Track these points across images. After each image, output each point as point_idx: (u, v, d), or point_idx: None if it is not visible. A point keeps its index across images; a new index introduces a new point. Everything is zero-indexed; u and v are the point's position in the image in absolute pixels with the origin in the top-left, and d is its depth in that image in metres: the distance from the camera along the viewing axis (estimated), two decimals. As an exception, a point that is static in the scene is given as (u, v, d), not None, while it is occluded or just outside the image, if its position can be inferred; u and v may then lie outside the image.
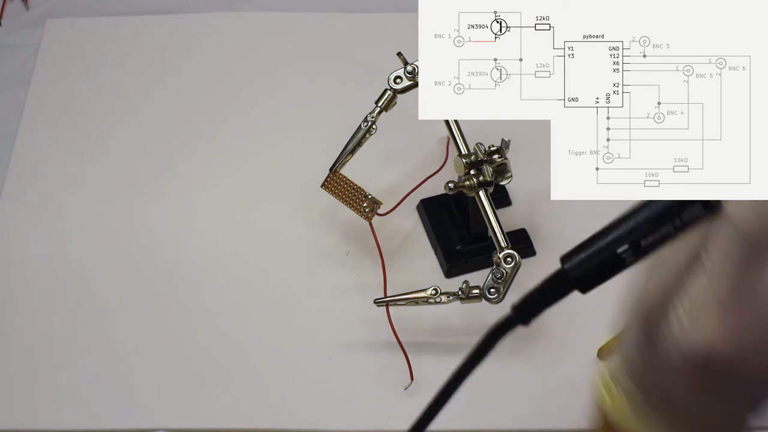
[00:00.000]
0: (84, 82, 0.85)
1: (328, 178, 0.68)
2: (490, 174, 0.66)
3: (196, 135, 0.81)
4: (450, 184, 0.66)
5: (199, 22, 0.89)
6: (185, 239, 0.75)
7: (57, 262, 0.74)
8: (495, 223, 0.65)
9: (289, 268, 0.73)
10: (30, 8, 0.91)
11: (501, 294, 0.62)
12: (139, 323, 0.70)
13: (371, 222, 0.68)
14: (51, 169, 0.79)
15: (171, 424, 0.66)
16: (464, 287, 0.63)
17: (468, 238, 0.73)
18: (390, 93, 0.67)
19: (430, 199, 0.75)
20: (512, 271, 0.62)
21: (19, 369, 0.68)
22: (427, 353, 0.68)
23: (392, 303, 0.65)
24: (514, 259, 0.63)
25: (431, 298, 0.64)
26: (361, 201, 0.68)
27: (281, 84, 0.85)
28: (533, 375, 0.67)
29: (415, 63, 0.66)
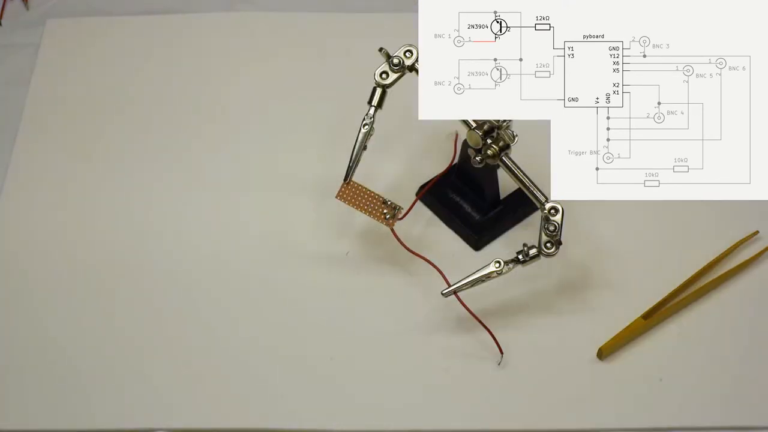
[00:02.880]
0: (84, 82, 0.85)
1: (342, 188, 0.68)
2: (508, 137, 0.66)
3: (196, 135, 0.81)
4: (477, 157, 0.67)
5: (199, 22, 0.89)
6: (186, 239, 0.75)
7: (57, 262, 0.74)
8: (528, 180, 0.66)
9: (288, 268, 0.73)
10: (30, 8, 0.91)
11: (557, 246, 0.64)
12: (140, 323, 0.70)
13: (393, 227, 0.68)
14: (51, 169, 0.79)
15: (171, 424, 0.66)
16: (524, 250, 0.64)
17: (484, 207, 0.74)
18: (380, 90, 0.67)
19: (431, 185, 0.75)
20: (561, 220, 0.64)
21: (18, 369, 0.68)
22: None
23: (459, 290, 0.65)
24: (558, 210, 0.64)
25: (496, 271, 0.65)
26: (380, 208, 0.68)
27: (281, 84, 0.85)
28: (533, 375, 0.67)
29: (397, 54, 0.66)
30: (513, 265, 0.65)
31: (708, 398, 0.66)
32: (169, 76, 0.85)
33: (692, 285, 0.70)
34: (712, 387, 0.66)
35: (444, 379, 0.67)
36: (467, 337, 0.68)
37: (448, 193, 0.75)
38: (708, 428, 0.65)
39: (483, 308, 0.68)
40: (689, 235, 0.74)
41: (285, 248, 0.74)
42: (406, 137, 0.79)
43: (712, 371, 0.67)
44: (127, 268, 0.73)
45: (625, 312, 0.69)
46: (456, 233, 0.75)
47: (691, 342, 0.69)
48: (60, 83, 0.85)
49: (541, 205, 0.65)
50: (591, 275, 0.72)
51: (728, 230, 0.74)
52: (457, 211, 0.74)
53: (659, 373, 0.67)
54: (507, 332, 0.67)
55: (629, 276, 0.72)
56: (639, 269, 0.72)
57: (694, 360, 0.68)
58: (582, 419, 0.66)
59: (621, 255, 0.73)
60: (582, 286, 0.71)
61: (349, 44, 0.86)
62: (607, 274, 0.72)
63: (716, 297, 0.71)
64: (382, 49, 0.66)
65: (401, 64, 0.66)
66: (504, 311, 0.70)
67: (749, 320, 0.70)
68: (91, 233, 0.75)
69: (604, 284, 0.71)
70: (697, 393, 0.66)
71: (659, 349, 0.68)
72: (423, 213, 0.76)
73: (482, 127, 0.66)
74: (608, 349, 0.67)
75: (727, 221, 0.74)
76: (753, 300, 0.71)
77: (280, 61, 0.86)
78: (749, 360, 0.68)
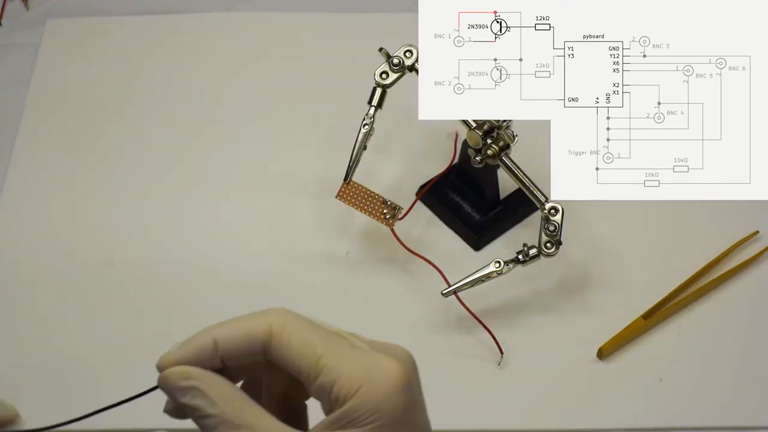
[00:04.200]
0: (84, 82, 0.85)
1: (342, 188, 0.68)
2: (508, 137, 0.66)
3: (196, 135, 0.81)
4: (477, 157, 0.67)
5: (199, 22, 0.89)
6: (186, 239, 0.75)
7: (57, 262, 0.74)
8: (528, 180, 0.66)
9: (288, 268, 0.73)
10: (30, 8, 0.91)
11: (557, 246, 0.64)
12: (139, 322, 0.70)
13: (393, 227, 0.68)
14: (51, 169, 0.79)
15: (171, 424, 0.65)
16: (524, 250, 0.64)
17: (484, 207, 0.74)
18: (380, 90, 0.67)
19: (431, 185, 0.75)
20: (561, 220, 0.64)
21: (18, 369, 0.68)
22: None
23: (459, 290, 0.65)
24: (558, 210, 0.64)
25: (497, 271, 0.65)
26: (380, 208, 0.68)
27: (281, 84, 0.85)
28: (533, 375, 0.67)
29: (397, 54, 0.66)
30: (513, 265, 0.65)
31: (708, 398, 0.66)
32: (169, 76, 0.85)
33: (692, 285, 0.70)
34: (712, 387, 0.67)
35: (444, 379, 0.67)
36: (467, 337, 0.68)
37: (448, 193, 0.75)
38: (708, 428, 0.65)
39: (483, 308, 0.68)
40: (689, 235, 0.74)
41: (285, 248, 0.74)
42: (406, 137, 0.79)
43: (712, 371, 0.67)
44: (127, 268, 0.73)
45: (625, 312, 0.69)
46: (456, 233, 0.75)
47: (691, 342, 0.69)
48: (60, 83, 0.85)
49: (541, 205, 0.65)
50: (591, 275, 0.72)
51: (728, 230, 0.74)
52: (457, 211, 0.74)
53: (659, 373, 0.67)
54: (507, 332, 0.67)
55: (629, 276, 0.72)
56: (639, 269, 0.72)
57: (694, 360, 0.68)
58: (582, 419, 0.66)
59: (621, 255, 0.73)
60: (582, 286, 0.71)
61: (349, 44, 0.86)
62: (607, 274, 0.72)
63: (716, 297, 0.71)
64: (382, 49, 0.66)
65: (401, 64, 0.66)
66: (504, 311, 0.70)
67: (749, 320, 0.70)
68: (91, 233, 0.75)
69: (604, 284, 0.71)
70: (697, 393, 0.66)
71: (659, 349, 0.68)
72: (423, 213, 0.76)
73: (482, 127, 0.66)
74: (608, 349, 0.67)
75: (727, 221, 0.74)
76: (753, 300, 0.71)
77: (280, 61, 0.86)
78: (749, 360, 0.68)
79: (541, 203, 0.65)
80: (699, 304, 0.70)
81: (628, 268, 0.72)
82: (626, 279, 0.71)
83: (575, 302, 0.71)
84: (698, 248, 0.72)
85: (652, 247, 0.74)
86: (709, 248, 0.72)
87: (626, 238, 0.74)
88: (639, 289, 0.70)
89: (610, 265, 0.72)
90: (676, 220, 0.75)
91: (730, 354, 0.68)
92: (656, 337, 0.69)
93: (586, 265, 0.72)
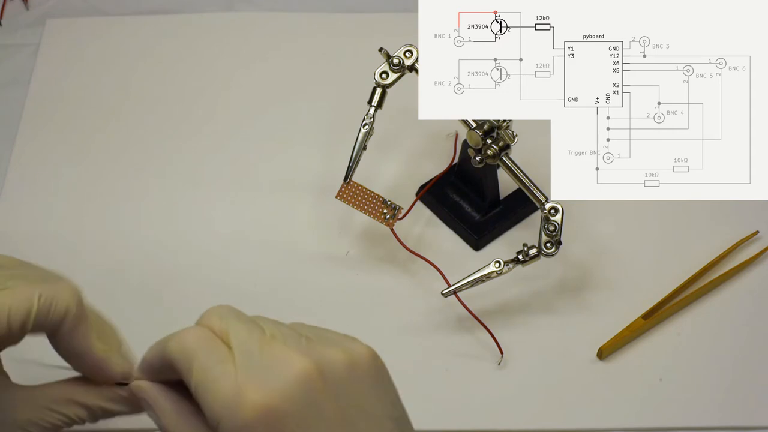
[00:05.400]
0: (84, 82, 0.85)
1: (342, 188, 0.68)
2: (508, 137, 0.66)
3: (195, 134, 0.81)
4: (477, 157, 0.67)
5: (199, 22, 0.89)
6: (186, 238, 0.75)
7: (57, 262, 0.73)
8: (528, 180, 0.66)
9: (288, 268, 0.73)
10: (30, 8, 0.91)
11: (557, 246, 0.64)
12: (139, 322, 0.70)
13: (393, 227, 0.68)
14: (51, 169, 0.79)
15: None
16: (524, 250, 0.64)
17: (484, 208, 0.74)
18: (380, 90, 0.67)
19: (431, 185, 0.75)
20: (561, 220, 0.64)
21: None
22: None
23: (459, 290, 0.65)
24: (558, 210, 0.64)
25: (497, 271, 0.65)
26: (380, 207, 0.68)
27: (281, 84, 0.85)
28: (533, 375, 0.67)
29: (397, 54, 0.66)
30: (513, 265, 0.65)
31: (708, 398, 0.66)
32: (169, 76, 0.85)
33: (692, 285, 0.70)
34: (712, 387, 0.67)
35: (444, 379, 0.67)
36: (467, 337, 0.68)
37: (448, 193, 0.75)
38: (708, 428, 0.65)
39: (483, 308, 0.68)
40: (689, 235, 0.74)
41: (285, 248, 0.74)
42: (406, 137, 0.79)
43: (712, 371, 0.67)
44: (127, 268, 0.73)
45: (625, 312, 0.69)
46: (456, 233, 0.75)
47: (691, 342, 0.69)
48: (60, 83, 0.85)
49: (541, 205, 0.65)
50: (591, 275, 0.72)
51: (728, 230, 0.74)
52: (457, 211, 0.74)
53: (659, 373, 0.67)
54: (507, 332, 0.67)
55: (629, 276, 0.72)
56: (639, 269, 0.72)
57: (694, 360, 0.68)
58: (582, 419, 0.66)
59: (621, 255, 0.73)
60: (582, 286, 0.71)
61: (349, 44, 0.86)
62: (607, 274, 0.72)
63: (716, 297, 0.71)
64: (382, 49, 0.66)
65: (401, 64, 0.66)
66: (504, 311, 0.70)
67: (749, 320, 0.70)
68: (91, 233, 0.75)
69: (604, 284, 0.71)
70: (697, 393, 0.66)
71: (659, 349, 0.68)
72: (423, 213, 0.76)
73: (482, 127, 0.66)
74: (608, 349, 0.67)
75: (727, 221, 0.74)
76: (753, 300, 0.71)
77: (280, 61, 0.86)
78: (749, 360, 0.68)
79: (541, 203, 0.65)
80: (699, 304, 0.70)
81: (628, 268, 0.72)
82: (626, 279, 0.71)
83: (575, 302, 0.71)
84: (698, 248, 0.72)
85: (652, 247, 0.74)
86: (709, 248, 0.72)
87: (626, 238, 0.74)
88: (639, 289, 0.70)
89: (610, 265, 0.72)
90: (676, 220, 0.75)
91: (730, 354, 0.68)
92: (656, 337, 0.69)
93: (586, 265, 0.72)
